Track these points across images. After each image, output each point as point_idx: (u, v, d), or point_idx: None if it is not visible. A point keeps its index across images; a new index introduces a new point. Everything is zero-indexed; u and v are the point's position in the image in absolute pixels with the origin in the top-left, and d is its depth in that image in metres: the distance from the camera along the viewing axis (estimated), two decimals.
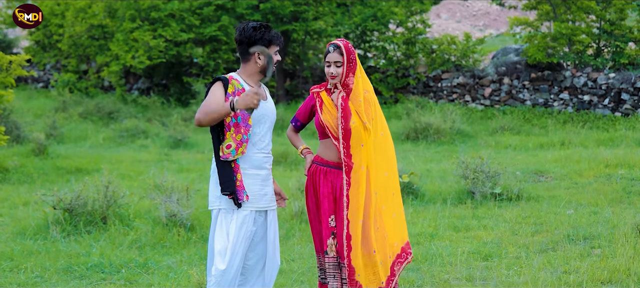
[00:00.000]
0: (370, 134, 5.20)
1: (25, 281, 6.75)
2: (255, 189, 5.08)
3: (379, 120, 5.33)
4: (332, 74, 5.22)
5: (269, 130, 5.17)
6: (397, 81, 20.26)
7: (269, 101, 5.20)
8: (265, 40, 5.04)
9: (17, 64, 12.64)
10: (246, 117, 5.03)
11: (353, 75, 5.25)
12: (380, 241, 5.23)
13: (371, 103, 5.28)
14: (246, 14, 20.29)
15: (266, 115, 5.13)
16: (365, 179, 5.17)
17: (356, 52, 20.44)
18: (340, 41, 5.27)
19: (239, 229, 5.02)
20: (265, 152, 5.15)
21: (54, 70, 24.42)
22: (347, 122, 5.17)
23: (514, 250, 7.35)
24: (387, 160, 5.33)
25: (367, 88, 5.30)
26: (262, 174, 5.13)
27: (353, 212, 5.16)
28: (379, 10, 20.47)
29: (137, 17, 20.15)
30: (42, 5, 23.43)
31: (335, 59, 5.22)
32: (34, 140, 14.65)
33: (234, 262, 5.00)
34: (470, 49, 19.72)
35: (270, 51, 5.05)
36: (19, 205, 10.15)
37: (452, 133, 16.09)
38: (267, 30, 5.07)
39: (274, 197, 5.27)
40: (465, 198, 9.87)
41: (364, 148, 5.18)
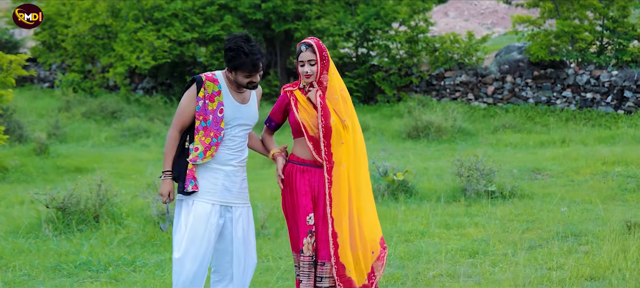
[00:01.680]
0: (349, 132, 5.20)
1: (12, 279, 6.78)
2: (214, 182, 5.12)
3: (355, 116, 5.37)
4: (307, 73, 5.20)
5: (243, 130, 5.22)
6: (400, 80, 20.25)
7: (249, 105, 5.23)
8: (231, 66, 5.07)
9: (17, 64, 12.72)
10: (218, 120, 5.08)
11: (327, 72, 5.25)
12: (363, 238, 5.25)
13: (346, 100, 5.29)
14: (248, 13, 20.32)
15: (237, 118, 5.17)
16: (346, 177, 5.18)
17: (361, 50, 20.40)
18: (311, 40, 5.24)
19: (195, 219, 5.07)
20: (233, 149, 5.20)
21: (60, 70, 24.51)
22: (327, 120, 5.16)
23: (501, 247, 7.35)
24: (364, 157, 5.35)
25: (342, 86, 5.31)
26: (226, 169, 5.17)
27: (337, 209, 5.17)
28: (381, 9, 20.46)
29: (141, 17, 20.21)
30: (48, 6, 23.54)
31: (308, 57, 5.20)
32: (36, 140, 14.73)
33: (189, 251, 5.03)
34: (473, 47, 19.69)
35: (239, 74, 5.06)
36: (15, 204, 10.21)
37: (453, 131, 16.07)
38: (239, 57, 5.01)
39: (244, 194, 5.28)
40: (459, 196, 9.87)
41: (343, 146, 5.18)
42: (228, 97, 5.15)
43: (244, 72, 5.07)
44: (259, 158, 13.25)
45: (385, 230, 8.24)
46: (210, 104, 5.11)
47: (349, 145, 5.22)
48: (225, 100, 5.14)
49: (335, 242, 5.17)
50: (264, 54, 5.17)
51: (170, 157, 5.20)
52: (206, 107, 5.10)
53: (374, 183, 10.08)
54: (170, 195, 5.20)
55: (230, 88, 5.18)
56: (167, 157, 5.21)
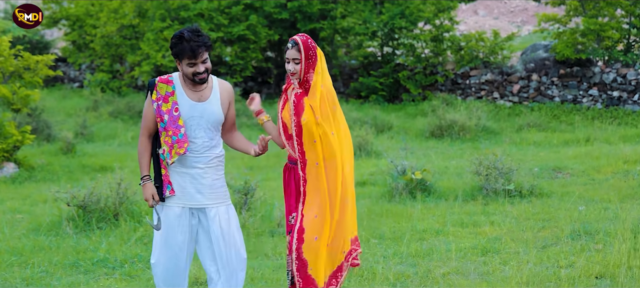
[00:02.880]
0: (322, 129, 5.12)
1: (30, 275, 6.92)
2: (183, 186, 5.17)
3: (340, 113, 5.28)
4: (291, 70, 5.17)
5: (204, 131, 5.18)
6: (425, 78, 20.24)
7: (208, 103, 5.19)
8: (174, 54, 5.09)
9: (44, 64, 12.92)
10: (174, 118, 5.12)
11: (313, 71, 5.19)
12: (337, 237, 5.19)
13: (328, 98, 5.20)
14: (274, 13, 20.43)
15: (194, 118, 5.17)
16: (323, 175, 5.14)
17: (386, 49, 20.31)
18: (299, 37, 5.19)
19: (165, 224, 5.16)
20: (197, 152, 5.18)
21: (89, 70, 24.80)
22: (298, 118, 5.15)
23: (514, 246, 7.36)
24: (349, 154, 5.28)
25: (325, 83, 5.22)
26: (192, 172, 5.17)
27: (308, 206, 5.15)
28: (407, 8, 20.46)
29: (167, 16, 20.39)
30: (77, 6, 23.83)
31: (293, 55, 5.17)
32: (63, 139, 14.95)
33: (162, 256, 5.16)
34: (498, 46, 19.63)
35: (183, 63, 5.06)
36: (39, 202, 10.38)
37: (477, 130, 16.05)
38: (180, 43, 5.03)
39: (217, 194, 5.25)
40: (477, 194, 9.87)
41: (316, 144, 5.14)
42: (182, 96, 5.16)
43: (185, 60, 5.05)
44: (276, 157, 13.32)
45: (400, 229, 8.29)
46: (164, 104, 5.13)
47: (326, 142, 5.14)
48: (180, 99, 5.14)
49: (300, 237, 5.15)
50: (209, 44, 5.10)
51: (144, 162, 5.24)
52: (160, 108, 5.14)
53: (391, 181, 10.13)
54: (155, 197, 5.22)
55: (185, 87, 5.18)
56: (142, 162, 5.26)
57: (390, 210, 9.20)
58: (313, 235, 5.13)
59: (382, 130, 16.80)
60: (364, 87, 20.67)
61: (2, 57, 12.50)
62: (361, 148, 13.82)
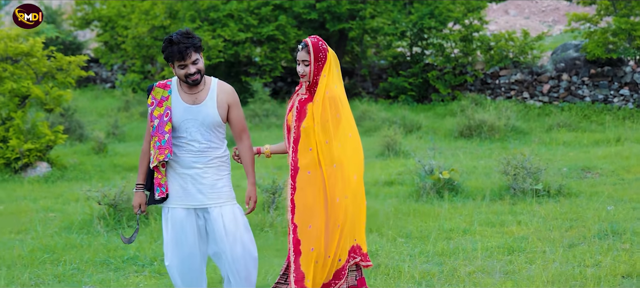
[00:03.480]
0: (319, 137, 5.02)
1: (62, 272, 7.06)
2: (184, 187, 5.24)
3: (347, 120, 5.13)
4: (300, 72, 5.12)
5: (200, 133, 5.20)
6: (454, 78, 20.22)
7: (203, 105, 5.20)
8: (165, 58, 5.13)
9: (76, 65, 13.11)
10: (163, 123, 5.18)
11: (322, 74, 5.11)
12: (338, 246, 5.07)
13: (332, 105, 5.06)
14: (303, 13, 20.52)
15: (189, 120, 5.20)
16: (316, 184, 5.03)
17: (415, 49, 20.31)
18: (310, 39, 5.12)
19: (173, 226, 5.26)
20: (195, 152, 5.22)
21: (120, 71, 25.06)
22: (299, 122, 5.10)
23: (540, 245, 7.37)
24: (356, 162, 5.15)
25: (330, 88, 5.08)
26: (191, 173, 5.22)
27: (300, 217, 5.04)
28: (436, 8, 20.45)
29: (197, 17, 20.56)
30: (109, 8, 24.10)
31: (302, 57, 5.11)
32: (95, 139, 15.15)
33: (174, 258, 5.26)
34: (528, 46, 19.56)
35: (174, 66, 5.12)
36: (71, 201, 10.54)
37: (506, 130, 16.00)
38: (169, 46, 5.08)
39: (220, 194, 5.26)
40: (505, 194, 9.87)
41: (312, 152, 5.04)
42: (177, 100, 5.23)
43: (175, 62, 5.10)
44: None
45: (427, 228, 8.33)
46: (157, 109, 5.21)
47: (324, 151, 5.03)
48: (174, 104, 5.21)
49: (297, 249, 5.06)
50: (198, 45, 5.13)
51: (141, 170, 5.36)
52: (152, 113, 5.23)
53: (419, 181, 10.16)
54: (142, 207, 5.38)
55: (181, 91, 5.24)
56: (139, 169, 5.39)
57: (418, 210, 9.23)
58: (309, 246, 5.02)
59: (410, 130, 16.82)
60: (393, 87, 20.69)
61: (36, 58, 12.70)
62: (389, 148, 13.86)
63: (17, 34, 12.61)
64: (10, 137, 12.53)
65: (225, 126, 5.36)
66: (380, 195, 10.33)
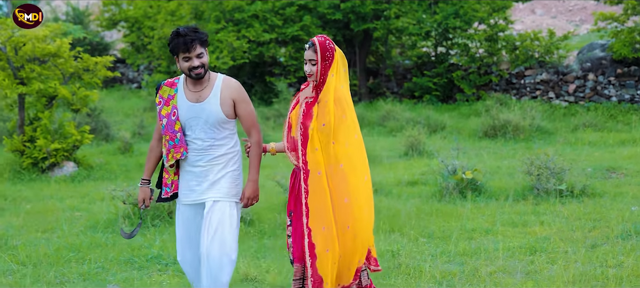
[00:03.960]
0: (325, 137, 4.98)
1: (87, 271, 7.14)
2: (190, 184, 5.29)
3: (352, 121, 5.10)
4: (308, 72, 5.08)
5: (204, 131, 5.21)
6: (479, 78, 20.17)
7: (206, 103, 5.19)
8: (171, 51, 5.14)
9: (102, 66, 13.24)
10: (172, 122, 5.22)
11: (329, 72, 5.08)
12: (351, 248, 5.04)
13: (339, 104, 5.04)
14: (327, 14, 20.55)
15: (192, 118, 5.21)
16: (325, 185, 4.98)
17: (440, 49, 20.25)
18: (317, 38, 5.08)
19: (182, 222, 5.38)
20: (199, 151, 5.23)
21: (147, 71, 25.23)
22: (305, 124, 5.05)
23: (562, 245, 7.35)
24: (364, 163, 5.11)
25: (338, 87, 5.06)
26: (196, 171, 5.25)
27: (314, 219, 4.99)
28: (461, 8, 20.41)
29: (222, 18, 20.66)
30: (136, 8, 24.28)
31: (309, 57, 5.08)
32: (121, 139, 15.29)
33: (185, 254, 5.39)
34: (554, 45, 19.47)
35: (179, 59, 5.13)
36: (97, 201, 10.65)
37: (531, 130, 15.94)
38: (176, 38, 5.10)
39: (218, 188, 5.24)
40: (528, 194, 9.85)
41: (317, 152, 5.00)
42: (182, 98, 5.24)
43: (180, 55, 5.11)
44: None
45: (449, 228, 8.34)
46: (165, 107, 5.25)
47: (329, 151, 4.98)
48: (179, 102, 5.23)
49: (312, 253, 5.01)
50: (204, 39, 5.13)
51: (148, 165, 5.45)
52: (160, 112, 5.27)
53: (442, 181, 10.16)
54: (145, 202, 5.46)
55: (186, 88, 5.25)
56: (146, 165, 5.48)
57: (440, 210, 9.24)
58: (325, 248, 4.99)
59: (435, 130, 16.81)
60: (418, 87, 20.68)
61: (63, 58, 12.84)
62: (413, 148, 13.86)
63: (44, 35, 12.75)
64: (37, 137, 12.67)
65: (235, 122, 5.34)
66: (403, 195, 10.34)
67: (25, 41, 12.49)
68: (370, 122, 18.10)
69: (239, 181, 5.35)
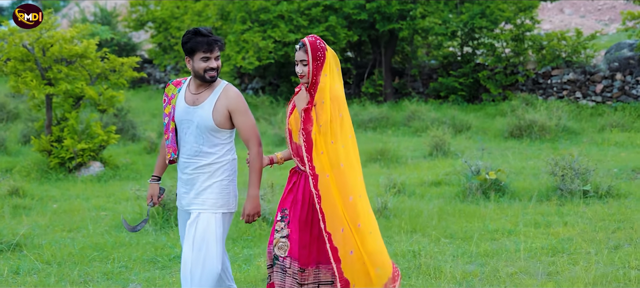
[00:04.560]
0: (327, 138, 4.91)
1: (111, 270, 7.22)
2: (179, 189, 5.28)
3: (347, 121, 5.04)
4: (299, 73, 5.02)
5: (193, 136, 5.09)
6: (506, 78, 20.08)
7: (200, 107, 5.08)
8: (189, 49, 5.02)
9: (128, 66, 13.35)
10: (168, 121, 5.19)
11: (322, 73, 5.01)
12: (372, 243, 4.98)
13: (336, 102, 4.98)
14: (353, 14, 20.55)
15: (185, 121, 5.12)
16: (334, 186, 4.90)
17: (466, 49, 20.17)
18: (307, 38, 5.02)
19: (180, 223, 5.41)
20: (188, 155, 5.13)
21: (173, 71, 25.38)
22: (307, 130, 4.95)
23: (585, 246, 7.32)
24: (359, 163, 5.06)
25: (333, 87, 5.00)
26: (183, 178, 5.18)
27: (331, 223, 4.92)
28: (487, 8, 20.33)
29: (248, 19, 20.74)
30: (163, 9, 24.43)
31: (300, 57, 5.02)
32: (147, 139, 15.41)
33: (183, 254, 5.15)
34: (581, 45, 19.34)
35: (196, 58, 5.02)
36: (122, 201, 10.75)
37: (557, 130, 15.85)
38: (197, 36, 5.01)
39: (204, 199, 5.12)
40: (552, 195, 9.81)
41: (323, 155, 4.91)
42: (181, 99, 5.16)
43: (200, 54, 5.00)
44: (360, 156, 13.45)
45: (471, 228, 8.32)
46: (167, 106, 5.20)
47: (332, 152, 4.92)
48: (177, 102, 5.16)
49: (336, 257, 4.93)
50: (222, 44, 5.07)
51: (158, 162, 5.42)
52: (164, 109, 5.23)
53: (465, 182, 10.14)
54: (154, 199, 5.42)
55: (188, 90, 5.16)
56: (157, 162, 5.45)
57: (463, 210, 9.22)
58: (348, 250, 4.93)
59: (460, 130, 16.77)
60: (444, 87, 20.64)
61: (89, 59, 12.96)
62: (438, 149, 13.84)
63: (71, 36, 12.88)
64: (64, 137, 12.80)
65: (232, 132, 5.21)
66: (427, 195, 10.34)
67: (53, 42, 12.62)
68: (395, 122, 18.10)
69: (227, 191, 5.17)
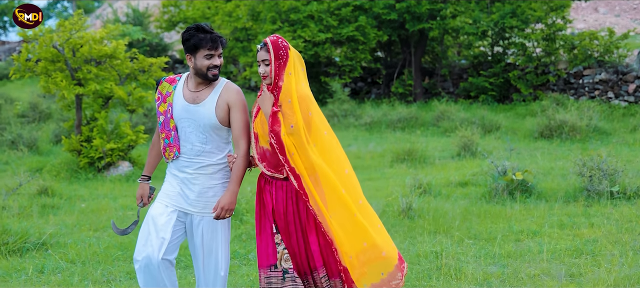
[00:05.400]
0: (297, 139, 4.77)
1: (133, 269, 7.26)
2: (173, 187, 5.02)
3: (319, 118, 4.90)
4: (262, 73, 4.84)
5: (195, 135, 4.98)
6: (537, 78, 19.93)
7: (201, 105, 4.96)
8: (191, 46, 4.90)
9: (157, 66, 13.44)
10: (167, 120, 5.04)
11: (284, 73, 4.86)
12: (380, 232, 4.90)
13: (304, 102, 4.85)
14: (383, 14, 20.52)
15: (185, 119, 4.99)
16: (311, 185, 4.77)
17: (496, 49, 20.07)
18: (269, 37, 4.87)
19: (147, 218, 5.02)
20: (188, 156, 5.01)
21: None
22: (276, 135, 4.78)
23: (610, 248, 7.23)
24: (339, 159, 4.89)
25: (298, 86, 4.86)
26: (181, 176, 5.02)
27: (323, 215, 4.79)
28: (518, 7, 20.19)
29: (278, 19, 20.79)
30: (194, 9, 24.57)
31: (262, 57, 4.85)
32: None
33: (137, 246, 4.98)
34: (613, 44, 19.13)
35: (199, 55, 4.90)
36: None
37: (588, 130, 15.70)
38: (200, 32, 4.89)
39: (204, 203, 5.03)
40: (579, 196, 9.71)
41: (294, 156, 4.78)
42: (178, 96, 5.02)
43: (204, 51, 4.88)
44: (381, 157, 13.48)
45: (496, 229, 8.26)
46: (162, 105, 5.05)
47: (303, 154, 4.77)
48: (175, 100, 5.01)
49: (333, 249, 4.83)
50: (225, 42, 4.96)
51: (148, 162, 5.26)
52: (158, 108, 5.08)
53: (491, 182, 10.07)
54: (143, 199, 5.25)
55: (186, 87, 5.03)
56: (147, 161, 5.28)
57: (488, 211, 9.16)
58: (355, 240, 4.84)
59: (490, 130, 16.67)
60: (474, 87, 20.53)
61: (119, 60, 13.07)
62: (466, 149, 13.77)
63: (101, 37, 12.99)
64: (94, 136, 12.92)
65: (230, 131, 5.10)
66: (452, 196, 10.28)
67: (83, 43, 12.74)
68: (424, 123, 18.03)
69: None
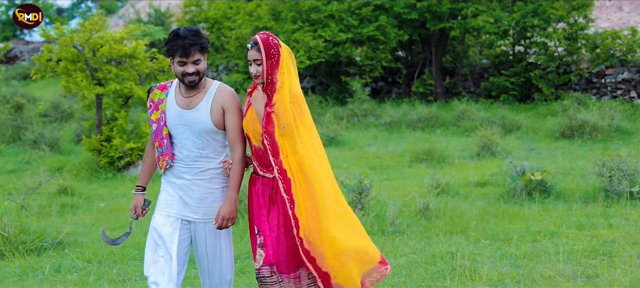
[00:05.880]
0: (290, 140, 4.70)
1: None
2: (172, 195, 4.95)
3: (309, 119, 4.84)
4: (254, 73, 4.74)
5: (191, 141, 4.89)
6: (558, 77, 19.79)
7: (196, 110, 4.88)
8: (167, 52, 4.82)
9: None
10: (160, 128, 4.96)
11: (278, 71, 4.75)
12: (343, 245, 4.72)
13: (296, 101, 4.77)
14: (404, 13, 20.48)
15: (180, 126, 4.90)
16: (299, 186, 4.69)
17: (518, 48, 19.93)
18: (259, 35, 4.75)
19: (151, 230, 4.95)
20: (185, 162, 4.92)
21: (225, 71, 25.58)
22: (270, 135, 4.71)
23: (628, 249, 7.17)
24: (326, 160, 4.84)
25: (291, 85, 4.77)
26: (179, 183, 4.93)
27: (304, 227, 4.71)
28: (539, 6, 20.06)
29: (298, 18, 20.80)
30: (215, 9, 24.64)
31: (253, 57, 4.75)
32: None
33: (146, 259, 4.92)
34: (636, 43, 18.96)
35: (174, 61, 4.82)
36: None
37: (610, 130, 15.57)
38: (174, 39, 4.79)
39: (205, 210, 4.96)
40: (598, 196, 9.63)
41: (288, 158, 4.71)
42: (172, 103, 4.94)
43: (176, 58, 4.78)
44: (400, 157, 13.44)
45: (513, 230, 8.22)
46: (154, 113, 4.98)
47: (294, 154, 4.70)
48: (168, 107, 4.93)
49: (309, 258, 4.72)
50: (204, 46, 4.82)
51: (142, 171, 5.16)
52: (150, 116, 5.00)
53: (510, 182, 10.02)
54: (137, 210, 5.11)
55: (177, 93, 4.94)
56: (141, 171, 5.17)
57: (506, 211, 9.11)
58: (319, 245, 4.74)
59: (510, 130, 16.57)
60: (495, 87, 20.43)
61: (138, 59, 13.12)
62: (486, 149, 13.69)
63: (121, 37, 13.05)
64: (114, 136, 12.98)
65: None
66: (471, 196, 10.24)
67: (103, 43, 12.81)
68: (444, 122, 17.96)
69: None
